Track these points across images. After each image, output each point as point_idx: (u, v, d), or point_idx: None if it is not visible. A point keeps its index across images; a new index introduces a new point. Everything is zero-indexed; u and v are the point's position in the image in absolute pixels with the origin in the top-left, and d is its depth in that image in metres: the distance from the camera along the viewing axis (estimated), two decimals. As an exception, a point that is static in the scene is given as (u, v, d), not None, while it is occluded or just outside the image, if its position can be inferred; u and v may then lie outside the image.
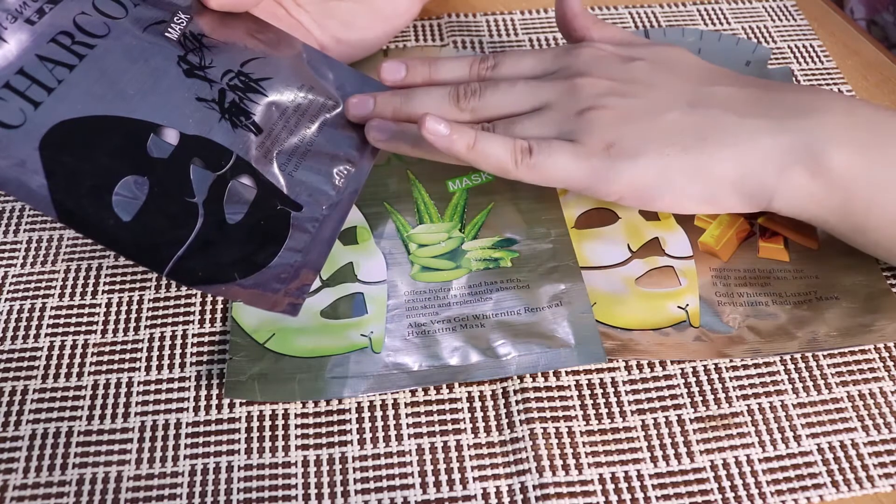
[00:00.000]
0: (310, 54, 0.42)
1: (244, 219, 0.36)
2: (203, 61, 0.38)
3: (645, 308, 0.38)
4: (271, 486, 0.33)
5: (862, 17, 0.66)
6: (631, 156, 0.35)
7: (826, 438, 0.34)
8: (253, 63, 0.40)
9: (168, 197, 0.35)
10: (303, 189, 0.38)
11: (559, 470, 0.33)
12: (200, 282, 0.35)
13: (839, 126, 0.35)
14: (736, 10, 0.54)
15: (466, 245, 0.41)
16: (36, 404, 0.35)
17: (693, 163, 0.35)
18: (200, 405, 0.35)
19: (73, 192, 0.34)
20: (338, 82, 0.43)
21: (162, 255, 0.34)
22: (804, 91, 0.38)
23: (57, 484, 0.33)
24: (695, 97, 0.37)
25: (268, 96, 0.39)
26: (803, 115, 0.35)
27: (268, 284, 0.36)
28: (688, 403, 0.35)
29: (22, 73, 0.34)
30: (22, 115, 0.34)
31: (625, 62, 0.39)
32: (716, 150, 0.35)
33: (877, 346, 0.37)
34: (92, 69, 0.35)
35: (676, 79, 0.39)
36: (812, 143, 0.34)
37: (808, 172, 0.35)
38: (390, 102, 0.40)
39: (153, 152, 0.35)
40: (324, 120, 0.41)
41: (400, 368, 0.36)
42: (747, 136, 0.35)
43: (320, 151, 0.40)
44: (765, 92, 0.37)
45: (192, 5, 0.40)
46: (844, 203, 0.35)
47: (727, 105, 0.37)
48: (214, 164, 0.36)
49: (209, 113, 0.37)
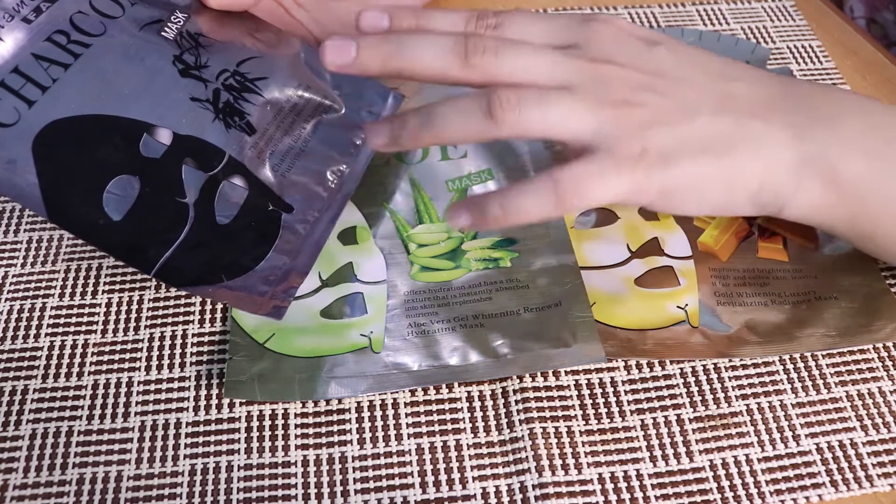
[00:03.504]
0: (308, 54, 0.42)
1: (234, 220, 0.36)
2: (199, 61, 0.38)
3: (644, 308, 0.38)
4: (271, 485, 0.33)
5: (861, 15, 0.66)
6: (668, 164, 0.33)
7: (825, 438, 0.34)
8: (249, 62, 0.40)
9: (159, 197, 0.35)
10: (295, 190, 0.38)
11: (559, 469, 0.33)
12: (188, 283, 0.35)
13: (855, 134, 0.35)
14: (735, 11, 0.54)
15: (466, 245, 0.41)
16: (36, 404, 0.35)
17: (723, 172, 0.34)
18: (200, 405, 0.35)
19: (65, 192, 0.34)
20: (335, 82, 0.43)
21: (150, 256, 0.34)
22: (821, 92, 0.37)
23: (57, 483, 0.33)
24: (720, 99, 0.35)
25: (263, 96, 0.39)
26: (823, 124, 0.35)
27: (255, 287, 0.36)
28: (687, 403, 0.35)
29: (17, 71, 0.34)
30: (16, 113, 0.34)
31: (648, 47, 0.36)
32: (744, 160, 0.34)
33: (875, 345, 0.37)
34: (87, 68, 0.35)
35: (699, 72, 0.36)
36: (829, 155, 0.34)
37: (822, 185, 0.34)
38: (378, 50, 0.34)
39: (145, 152, 0.35)
40: (319, 120, 0.41)
41: (400, 368, 0.36)
42: (772, 146, 0.34)
43: (314, 152, 0.40)
44: (786, 89, 0.36)
45: (190, 4, 0.40)
46: (855, 212, 0.35)
47: (752, 109, 0.35)
48: (206, 164, 0.36)
49: (203, 113, 0.37)
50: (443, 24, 0.36)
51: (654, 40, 0.37)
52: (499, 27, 0.36)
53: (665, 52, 0.36)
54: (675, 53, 0.37)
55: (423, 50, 0.34)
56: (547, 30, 0.36)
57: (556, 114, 0.33)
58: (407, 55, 0.34)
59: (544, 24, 0.36)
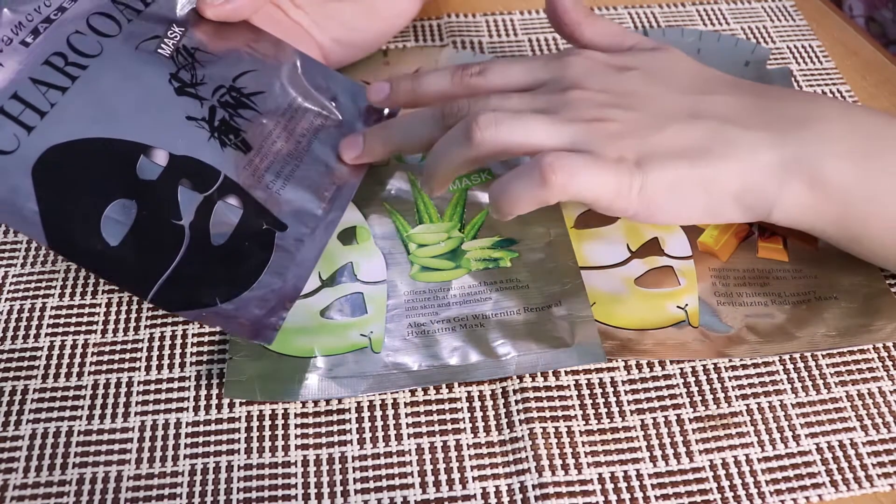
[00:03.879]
0: (305, 64, 0.42)
1: (228, 241, 0.36)
2: (195, 78, 0.38)
3: (644, 308, 0.38)
4: (271, 485, 0.33)
5: (860, 13, 0.66)
6: (641, 169, 0.34)
7: (825, 438, 0.34)
8: (245, 77, 0.40)
9: (155, 220, 0.35)
10: (289, 207, 0.38)
11: (558, 469, 0.33)
12: (183, 307, 0.35)
13: (837, 136, 0.35)
14: (735, 11, 0.54)
15: (466, 245, 0.41)
16: (36, 404, 0.35)
17: (700, 176, 0.34)
18: (200, 405, 0.35)
19: (64, 218, 0.34)
20: (333, 93, 0.42)
21: (146, 281, 0.34)
22: (801, 98, 0.37)
23: (57, 483, 0.33)
24: (695, 108, 0.36)
25: (259, 111, 0.39)
26: (802, 126, 0.35)
27: (247, 309, 0.35)
28: (687, 403, 0.35)
29: (16, 97, 0.34)
30: (15, 140, 0.33)
31: (619, 72, 0.38)
32: (721, 163, 0.34)
33: (875, 345, 0.37)
34: (84, 91, 0.35)
35: (672, 89, 0.38)
36: (811, 156, 0.34)
37: (807, 185, 0.34)
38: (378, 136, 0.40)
39: (142, 174, 0.35)
40: (315, 135, 0.41)
41: (399, 368, 0.36)
42: (749, 148, 0.35)
43: (309, 168, 0.40)
44: (763, 100, 0.37)
45: (187, 18, 0.40)
46: (842, 214, 0.35)
47: (728, 115, 0.36)
48: (202, 185, 0.36)
49: (198, 132, 0.37)
50: (434, 84, 0.40)
51: (627, 66, 0.39)
52: (482, 74, 0.39)
53: (637, 75, 0.38)
54: (647, 75, 0.38)
55: (413, 130, 0.39)
56: (524, 71, 0.39)
57: (532, 129, 0.35)
58: (402, 137, 0.39)
59: (521, 66, 0.39)
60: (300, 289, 0.37)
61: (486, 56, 0.50)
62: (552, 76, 0.38)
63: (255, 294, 0.36)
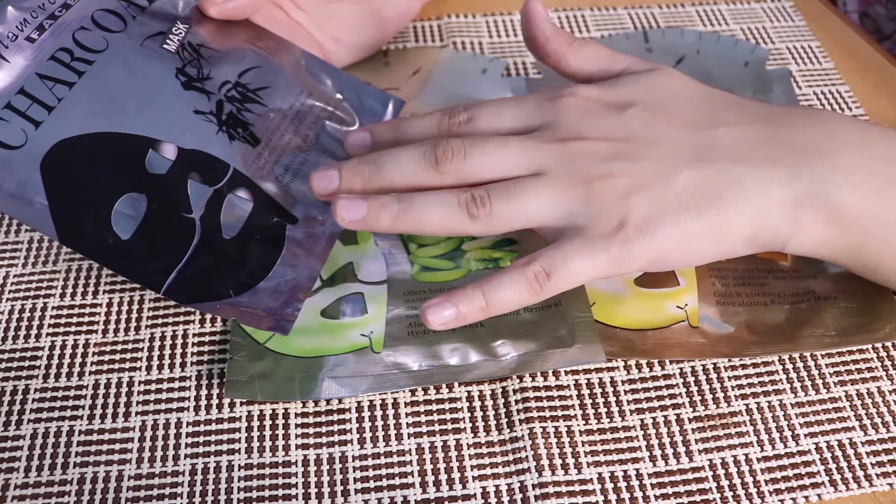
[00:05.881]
0: (308, 61, 0.42)
1: (240, 233, 0.36)
2: (201, 73, 0.38)
3: (644, 308, 0.38)
4: (271, 485, 0.33)
5: (854, 9, 0.66)
6: (647, 233, 0.33)
7: (824, 438, 0.34)
8: (251, 73, 0.40)
9: (165, 213, 0.35)
10: (299, 200, 0.38)
11: (558, 469, 0.33)
12: (196, 299, 0.35)
13: (851, 167, 0.34)
14: (734, 11, 0.54)
15: (466, 245, 0.41)
16: (37, 404, 0.35)
17: (710, 225, 0.33)
18: (201, 405, 0.35)
19: (75, 212, 0.34)
20: (336, 89, 0.43)
21: (158, 275, 0.34)
22: (811, 123, 0.36)
23: (58, 483, 0.33)
24: (701, 148, 0.35)
25: (266, 106, 0.39)
26: (815, 158, 0.34)
27: (262, 302, 0.36)
28: (686, 403, 0.36)
29: (23, 92, 0.34)
30: (23, 135, 0.34)
31: (617, 112, 0.36)
32: (732, 208, 0.33)
33: (875, 346, 0.37)
34: (91, 86, 0.35)
35: (676, 125, 0.36)
36: (826, 191, 0.33)
37: (822, 219, 0.34)
38: (357, 173, 0.35)
39: (151, 168, 0.35)
40: (321, 127, 0.41)
41: (400, 368, 0.36)
42: (761, 188, 0.33)
43: (318, 161, 0.40)
44: (771, 127, 0.35)
45: (191, 15, 0.40)
46: (858, 245, 0.34)
47: (736, 153, 0.34)
48: (211, 178, 0.36)
49: (207, 126, 0.37)
50: (418, 130, 0.38)
51: (624, 103, 0.36)
52: (471, 120, 0.37)
53: (636, 113, 0.36)
54: (647, 110, 0.36)
55: (396, 166, 0.35)
56: (516, 114, 0.37)
57: (526, 204, 0.34)
58: (384, 174, 0.35)
59: (513, 109, 0.37)
60: (314, 280, 0.37)
61: (485, 56, 0.50)
62: (545, 121, 0.36)
63: (269, 285, 0.36)
